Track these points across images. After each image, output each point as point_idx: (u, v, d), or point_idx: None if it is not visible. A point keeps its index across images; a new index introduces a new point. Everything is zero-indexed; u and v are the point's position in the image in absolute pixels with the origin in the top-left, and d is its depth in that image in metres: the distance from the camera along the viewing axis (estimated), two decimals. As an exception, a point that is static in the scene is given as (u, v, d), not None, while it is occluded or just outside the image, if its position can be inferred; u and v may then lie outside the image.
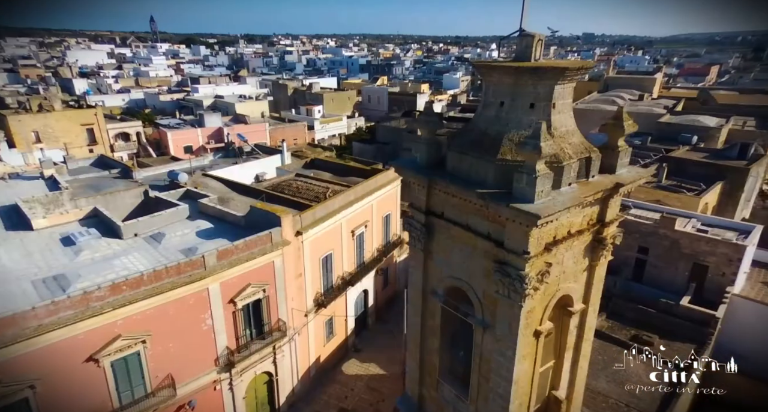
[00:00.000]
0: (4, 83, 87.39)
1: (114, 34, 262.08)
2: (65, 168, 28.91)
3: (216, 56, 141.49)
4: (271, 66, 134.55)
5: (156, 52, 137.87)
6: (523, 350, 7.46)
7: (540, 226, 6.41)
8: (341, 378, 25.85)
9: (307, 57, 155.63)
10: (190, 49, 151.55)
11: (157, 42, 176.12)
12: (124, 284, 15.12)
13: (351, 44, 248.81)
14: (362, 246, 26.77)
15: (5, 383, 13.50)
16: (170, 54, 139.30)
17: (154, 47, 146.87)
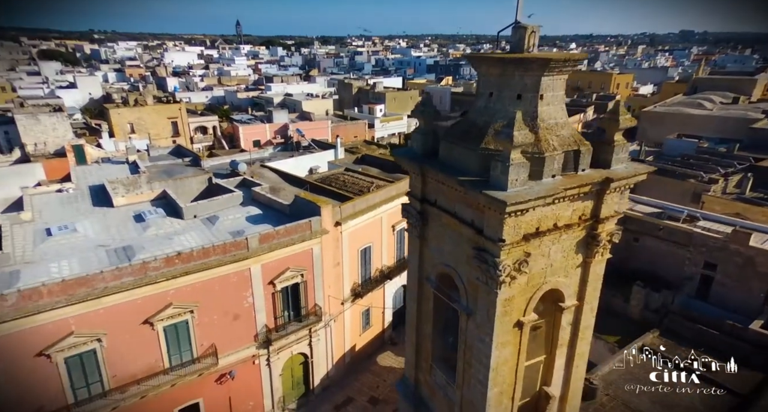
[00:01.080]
0: (113, 81, 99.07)
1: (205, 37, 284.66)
2: (146, 155, 32.48)
3: (291, 57, 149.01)
4: (341, 66, 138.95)
5: (239, 53, 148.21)
6: (501, 337, 7.57)
7: (515, 214, 6.54)
8: (375, 368, 26.56)
9: (376, 57, 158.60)
10: (268, 51, 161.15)
11: (241, 44, 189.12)
12: (177, 257, 16.96)
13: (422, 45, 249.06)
14: (402, 241, 27.22)
15: (78, 334, 15.79)
16: (251, 55, 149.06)
17: (238, 49, 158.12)
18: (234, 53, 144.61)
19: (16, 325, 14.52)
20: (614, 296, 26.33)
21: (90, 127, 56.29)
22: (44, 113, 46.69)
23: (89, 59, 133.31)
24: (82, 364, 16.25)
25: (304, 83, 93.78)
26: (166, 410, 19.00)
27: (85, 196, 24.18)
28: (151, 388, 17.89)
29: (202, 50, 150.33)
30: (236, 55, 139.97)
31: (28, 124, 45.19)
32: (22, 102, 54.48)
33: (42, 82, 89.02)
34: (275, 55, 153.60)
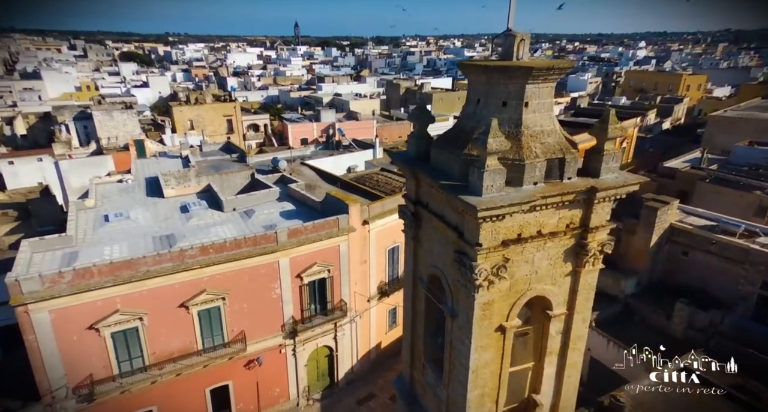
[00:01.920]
0: (180, 81, 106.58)
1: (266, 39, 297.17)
2: (198, 150, 34.84)
3: (344, 57, 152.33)
4: (392, 66, 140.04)
5: (295, 54, 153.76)
6: (480, 340, 7.66)
7: (492, 219, 6.64)
8: (400, 367, 26.83)
9: (428, 57, 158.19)
10: (323, 51, 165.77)
11: (298, 45, 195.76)
12: (211, 247, 18.25)
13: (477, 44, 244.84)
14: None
15: (123, 312, 17.47)
16: (306, 55, 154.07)
17: (294, 50, 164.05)
18: (291, 54, 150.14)
19: (71, 300, 16.35)
20: (654, 311, 24.94)
21: (156, 123, 61.05)
22: (117, 110, 51.25)
23: (161, 60, 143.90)
24: (125, 339, 17.96)
25: (354, 83, 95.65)
26: (199, 389, 20.47)
27: (141, 187, 26.46)
28: (186, 367, 19.37)
29: (262, 51, 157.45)
30: (293, 55, 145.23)
31: (103, 119, 49.83)
32: (100, 100, 60.04)
33: (120, 82, 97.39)
34: (329, 55, 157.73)
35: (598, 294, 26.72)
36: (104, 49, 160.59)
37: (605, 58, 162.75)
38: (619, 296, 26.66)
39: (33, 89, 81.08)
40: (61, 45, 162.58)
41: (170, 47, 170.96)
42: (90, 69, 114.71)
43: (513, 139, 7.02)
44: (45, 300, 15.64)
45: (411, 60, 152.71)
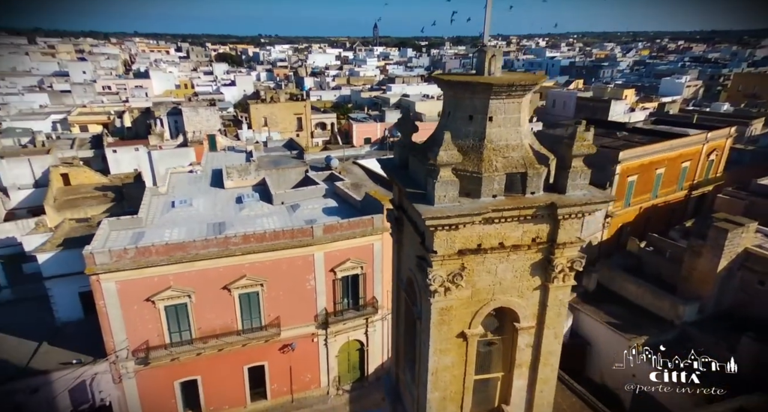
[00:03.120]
0: (263, 80, 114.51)
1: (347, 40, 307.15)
2: (262, 146, 37.61)
3: (419, 58, 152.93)
4: (467, 67, 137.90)
5: (372, 54, 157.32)
6: (438, 344, 7.89)
7: (446, 228, 6.93)
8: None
9: (506, 58, 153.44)
10: (399, 52, 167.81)
11: (376, 46, 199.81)
12: (252, 236, 19.96)
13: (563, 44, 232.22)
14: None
15: (174, 289, 19.77)
16: (382, 56, 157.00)
17: (371, 50, 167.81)
18: (367, 55, 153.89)
19: (134, 274, 18.88)
20: (716, 343, 22.69)
21: (236, 119, 66.43)
22: (202, 107, 56.61)
23: (250, 61, 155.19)
24: (176, 313, 20.29)
25: (424, 85, 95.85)
26: (238, 365, 22.42)
27: (207, 178, 29.34)
28: (227, 344, 21.37)
29: (340, 52, 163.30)
30: (369, 56, 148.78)
31: (190, 115, 55.30)
32: (190, 97, 66.60)
33: (212, 81, 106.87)
34: (404, 56, 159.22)
35: (650, 317, 25.33)
36: (204, 50, 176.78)
37: (712, 59, 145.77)
38: (675, 322, 24.58)
39: (142, 87, 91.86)
40: (170, 47, 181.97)
41: (259, 48, 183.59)
42: (189, 69, 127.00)
43: (475, 153, 7.23)
44: (112, 272, 18.27)
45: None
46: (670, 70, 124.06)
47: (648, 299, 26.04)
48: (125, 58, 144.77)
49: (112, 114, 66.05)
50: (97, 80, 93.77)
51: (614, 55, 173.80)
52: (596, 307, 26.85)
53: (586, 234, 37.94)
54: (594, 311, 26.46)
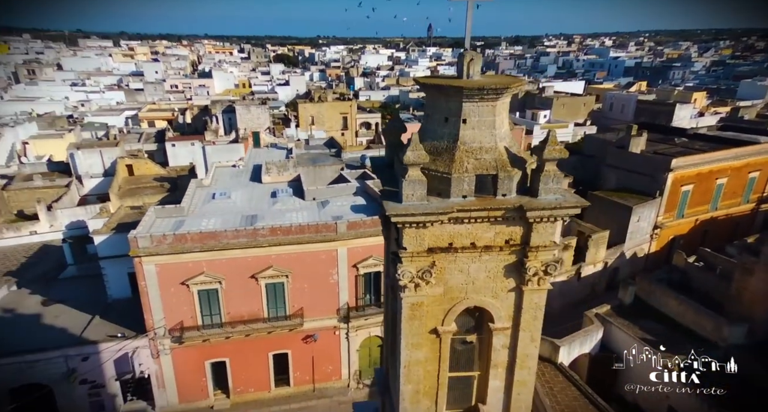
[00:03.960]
0: (316, 80, 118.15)
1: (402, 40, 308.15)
2: (303, 144, 39.05)
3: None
4: (522, 68, 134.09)
5: (424, 55, 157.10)
6: (410, 339, 8.10)
7: (414, 226, 7.17)
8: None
9: (564, 59, 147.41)
10: (452, 52, 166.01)
11: (430, 46, 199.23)
12: (279, 229, 21.00)
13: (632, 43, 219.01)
14: (502, 253, 26.60)
15: (207, 275, 21.24)
16: (434, 57, 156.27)
17: (424, 51, 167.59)
18: (420, 55, 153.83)
19: (171, 258, 20.53)
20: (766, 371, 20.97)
21: (285, 117, 69.17)
22: (254, 105, 59.53)
23: (305, 61, 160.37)
24: (208, 298, 21.77)
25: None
26: (263, 351, 23.64)
27: (248, 173, 31.03)
28: (253, 330, 22.62)
29: (392, 53, 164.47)
30: (421, 57, 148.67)
31: (243, 113, 58.37)
32: (244, 96, 70.16)
33: (268, 80, 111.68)
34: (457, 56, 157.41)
35: (691, 336, 24.62)
36: (264, 51, 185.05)
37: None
38: (720, 344, 22.84)
39: (204, 86, 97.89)
40: (233, 49, 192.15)
41: (315, 49, 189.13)
42: (248, 69, 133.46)
43: (448, 154, 7.43)
44: (152, 255, 20.00)
45: (544, 61, 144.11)
46: (753, 72, 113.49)
47: (690, 317, 24.41)
48: (193, 59, 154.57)
49: (176, 111, 71.11)
50: (167, 79, 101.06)
51: (688, 55, 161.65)
52: (631, 321, 25.55)
53: (631, 245, 35.98)
54: (628, 325, 25.19)
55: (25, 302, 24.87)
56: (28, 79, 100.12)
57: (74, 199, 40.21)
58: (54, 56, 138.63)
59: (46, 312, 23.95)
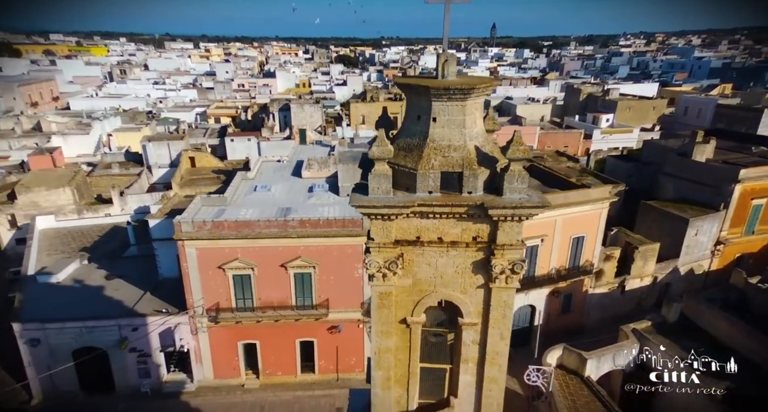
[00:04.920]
0: (373, 80, 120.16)
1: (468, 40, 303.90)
2: (347, 142, 40.22)
3: (536, 59, 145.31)
4: (589, 69, 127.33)
5: (485, 55, 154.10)
6: (380, 326, 8.44)
7: (381, 218, 7.55)
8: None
9: (639, 59, 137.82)
10: (515, 53, 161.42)
11: (492, 46, 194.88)
12: (307, 222, 22.05)
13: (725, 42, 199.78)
14: (533, 260, 25.94)
15: (241, 261, 22.79)
16: (496, 57, 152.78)
17: (486, 51, 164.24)
18: (481, 56, 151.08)
19: (210, 243, 22.27)
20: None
21: (338, 116, 71.21)
22: (308, 104, 61.96)
23: (365, 62, 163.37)
24: (242, 282, 23.33)
25: (533, 87, 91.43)
26: (291, 337, 24.87)
27: (290, 168, 32.63)
28: (282, 316, 23.90)
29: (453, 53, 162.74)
30: (482, 57, 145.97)
31: (297, 111, 60.95)
32: (301, 95, 73.10)
33: (327, 80, 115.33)
34: (520, 57, 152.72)
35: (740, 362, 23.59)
36: (326, 52, 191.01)
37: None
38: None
39: (268, 85, 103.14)
40: (298, 50, 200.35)
41: (376, 50, 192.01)
42: (310, 69, 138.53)
43: (417, 150, 7.75)
44: (193, 240, 21.83)
45: (615, 62, 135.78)
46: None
47: (741, 340, 22.38)
48: (261, 60, 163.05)
49: (239, 108, 75.73)
50: (234, 79, 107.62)
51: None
52: (673, 341, 23.85)
53: (686, 260, 33.32)
54: (668, 344, 23.53)
55: (92, 275, 28.01)
56: (119, 78, 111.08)
57: (143, 187, 44.32)
58: (143, 58, 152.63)
59: (107, 285, 26.84)
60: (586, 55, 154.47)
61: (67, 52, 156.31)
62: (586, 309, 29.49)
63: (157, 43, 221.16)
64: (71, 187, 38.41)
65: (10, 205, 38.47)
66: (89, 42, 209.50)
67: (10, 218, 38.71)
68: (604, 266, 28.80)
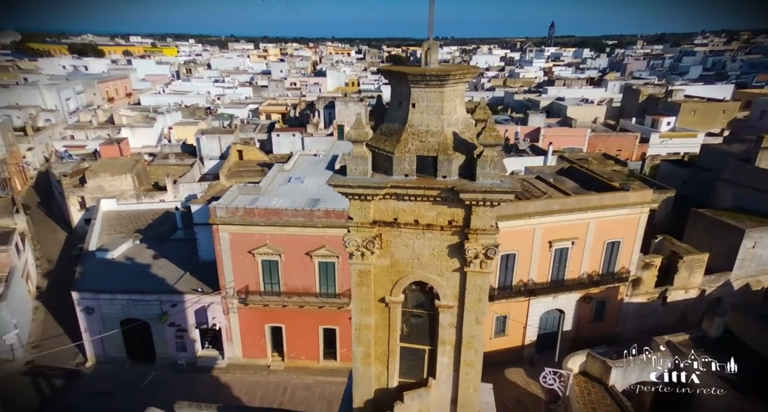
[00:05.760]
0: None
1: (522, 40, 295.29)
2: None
3: (596, 59, 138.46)
4: (656, 69, 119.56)
5: (541, 55, 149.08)
6: (360, 303, 8.76)
7: (359, 198, 7.93)
8: (498, 377, 26.20)
9: (715, 59, 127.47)
10: (573, 53, 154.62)
11: (550, 46, 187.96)
12: (332, 212, 22.79)
13: None
14: (563, 262, 25.13)
15: (269, 247, 23.97)
16: (553, 57, 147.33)
17: (542, 51, 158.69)
18: (536, 56, 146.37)
19: (241, 229, 23.62)
20: None
21: (383, 115, 71.94)
22: (352, 102, 63.25)
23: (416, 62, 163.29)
24: (269, 267, 24.51)
25: (589, 88, 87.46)
26: (314, 323, 25.78)
27: (325, 161, 33.66)
28: (306, 302, 24.85)
29: (506, 53, 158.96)
30: (538, 57, 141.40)
31: (341, 109, 62.43)
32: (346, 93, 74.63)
33: (376, 80, 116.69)
34: (579, 57, 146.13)
35: None
36: (378, 52, 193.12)
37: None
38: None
39: (318, 84, 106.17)
40: (351, 50, 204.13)
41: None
42: (361, 69, 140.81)
43: (397, 135, 8.07)
44: (227, 225, 23.26)
45: (687, 62, 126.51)
46: None
47: (791, 362, 20.52)
48: (315, 60, 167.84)
49: (288, 106, 78.62)
50: (287, 78, 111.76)
51: None
52: (713, 357, 22.26)
53: (741, 274, 30.74)
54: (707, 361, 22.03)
55: (141, 254, 30.53)
56: (185, 76, 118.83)
57: (195, 177, 47.40)
58: (207, 57, 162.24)
59: (153, 264, 29.14)
60: (653, 54, 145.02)
61: (142, 52, 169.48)
62: (621, 318, 28.09)
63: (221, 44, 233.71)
64: (132, 175, 41.98)
65: (81, 188, 42.68)
66: (163, 43, 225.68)
67: (81, 200, 42.98)
68: (642, 274, 27.30)
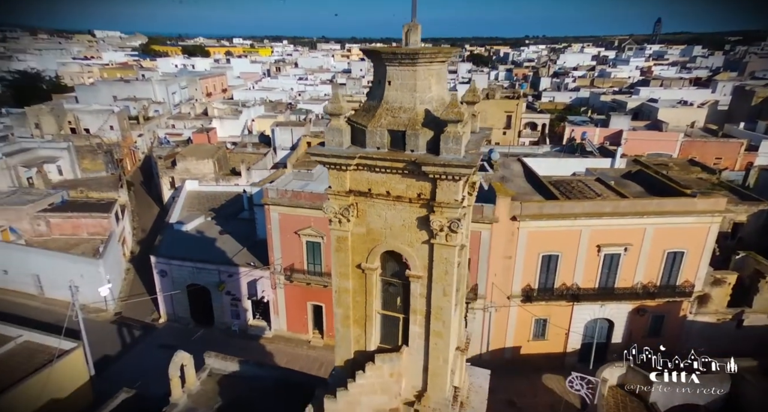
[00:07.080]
0: (500, 79, 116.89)
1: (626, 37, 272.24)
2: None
3: (708, 57, 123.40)
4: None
5: (641, 53, 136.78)
6: (338, 268, 9.33)
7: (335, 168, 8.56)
8: (536, 381, 25.31)
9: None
10: (681, 51, 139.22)
11: (654, 43, 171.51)
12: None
13: None
14: (614, 269, 23.52)
15: (313, 229, 25.48)
16: (655, 55, 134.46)
17: (642, 49, 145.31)
18: (635, 54, 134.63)
19: (289, 210, 25.39)
20: None
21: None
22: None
23: (498, 61, 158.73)
24: (313, 248, 26.05)
25: (692, 88, 78.74)
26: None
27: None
28: (346, 284, 25.99)
29: (600, 52, 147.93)
30: (636, 56, 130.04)
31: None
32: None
33: (453, 79, 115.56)
34: (688, 55, 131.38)
35: None
36: (461, 50, 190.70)
37: None
38: None
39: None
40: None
41: (512, 49, 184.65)
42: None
43: (373, 110, 8.63)
44: (276, 205, 25.18)
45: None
46: None
47: None
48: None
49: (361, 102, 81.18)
50: (365, 76, 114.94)
51: None
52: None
53: None
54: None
55: (211, 229, 33.99)
56: (274, 74, 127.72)
57: (268, 165, 51.21)
58: (296, 57, 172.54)
59: (219, 239, 32.33)
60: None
61: (241, 52, 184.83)
62: (683, 337, 25.50)
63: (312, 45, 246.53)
64: (213, 160, 46.62)
65: (172, 170, 48.32)
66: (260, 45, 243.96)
67: (171, 180, 48.70)
68: (711, 290, 24.55)
